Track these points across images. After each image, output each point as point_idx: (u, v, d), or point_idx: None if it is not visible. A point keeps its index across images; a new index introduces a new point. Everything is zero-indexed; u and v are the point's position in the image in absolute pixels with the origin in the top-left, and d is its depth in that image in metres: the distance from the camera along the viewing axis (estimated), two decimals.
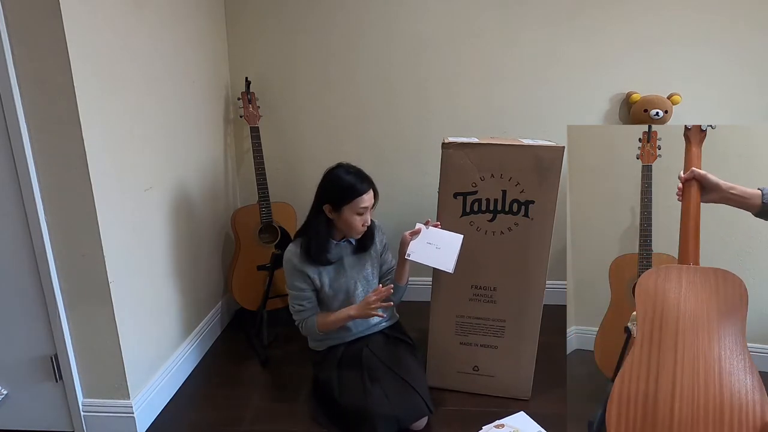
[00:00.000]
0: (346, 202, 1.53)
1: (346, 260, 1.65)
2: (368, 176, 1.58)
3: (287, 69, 2.25)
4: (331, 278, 1.63)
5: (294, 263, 1.59)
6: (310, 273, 1.59)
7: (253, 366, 1.93)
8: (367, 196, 1.54)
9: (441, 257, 1.51)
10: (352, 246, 1.66)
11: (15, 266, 1.38)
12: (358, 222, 1.55)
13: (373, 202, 1.57)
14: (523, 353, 1.69)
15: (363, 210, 1.54)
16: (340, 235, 1.64)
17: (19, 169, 1.29)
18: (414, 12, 2.16)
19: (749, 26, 2.09)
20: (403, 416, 1.48)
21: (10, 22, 1.20)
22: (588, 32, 2.14)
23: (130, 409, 1.51)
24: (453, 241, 1.53)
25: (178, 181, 1.82)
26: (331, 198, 1.55)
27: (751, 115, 2.18)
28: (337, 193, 1.54)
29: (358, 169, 1.58)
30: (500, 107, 2.25)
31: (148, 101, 1.60)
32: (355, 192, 1.52)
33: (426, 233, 1.55)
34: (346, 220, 1.55)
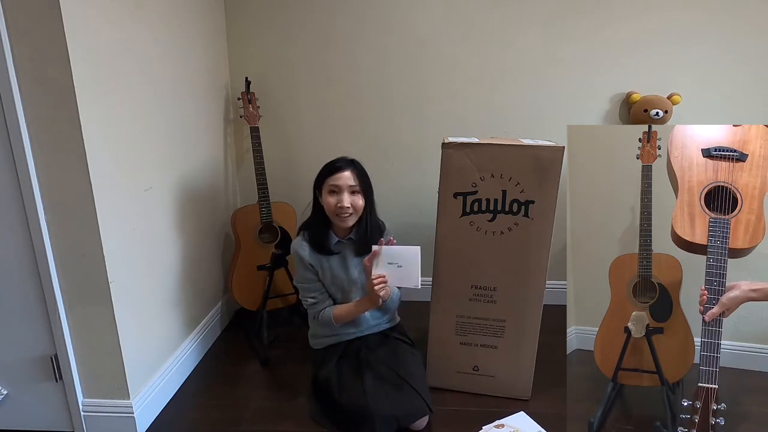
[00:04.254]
0: (322, 181, 1.56)
1: (349, 260, 1.65)
2: (355, 162, 1.59)
3: (287, 69, 2.25)
4: (332, 273, 1.63)
5: (299, 254, 1.62)
6: (314, 263, 1.61)
7: (253, 366, 1.93)
8: (341, 174, 1.54)
9: (404, 275, 1.50)
10: (354, 245, 1.66)
11: (15, 266, 1.38)
12: (332, 201, 1.55)
13: (354, 185, 1.55)
14: (523, 353, 1.69)
15: (335, 188, 1.54)
16: (341, 232, 1.64)
17: (19, 169, 1.29)
18: (414, 12, 2.16)
19: (749, 26, 2.09)
20: (403, 416, 1.48)
21: (10, 22, 1.20)
22: (588, 32, 2.14)
23: (130, 409, 1.51)
24: (412, 255, 1.50)
25: (178, 181, 1.82)
26: (316, 181, 1.61)
27: (751, 115, 2.18)
28: (318, 175, 1.60)
29: (347, 157, 1.60)
30: (500, 107, 2.25)
31: (148, 101, 1.60)
32: (327, 169, 1.56)
33: (384, 253, 1.51)
34: (325, 201, 1.57)
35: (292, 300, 2.20)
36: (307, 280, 1.64)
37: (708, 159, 1.32)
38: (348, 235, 1.65)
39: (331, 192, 1.55)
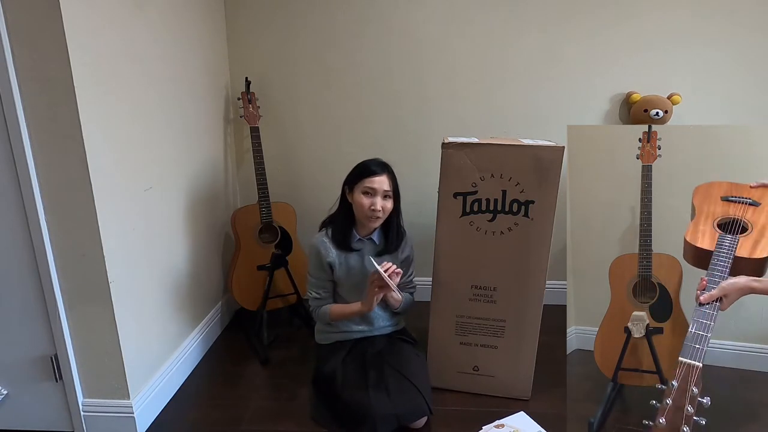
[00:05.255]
0: (357, 181, 1.59)
1: (367, 259, 1.66)
2: (389, 166, 1.63)
3: (287, 69, 2.25)
4: (348, 270, 1.66)
5: (320, 252, 1.64)
6: (334, 258, 1.64)
7: (253, 366, 1.93)
8: (377, 178, 1.58)
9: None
10: (375, 246, 1.68)
11: (15, 266, 1.38)
12: (366, 203, 1.58)
13: (389, 190, 1.60)
14: (523, 353, 1.69)
15: (370, 190, 1.58)
16: (364, 231, 1.66)
17: (19, 169, 1.29)
18: (414, 12, 2.16)
19: (749, 26, 2.09)
20: (404, 414, 1.48)
21: (10, 22, 1.20)
22: (588, 32, 2.14)
23: (130, 409, 1.51)
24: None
25: (178, 181, 1.82)
26: (348, 179, 1.64)
27: (751, 115, 2.18)
28: (352, 174, 1.64)
29: (382, 161, 1.64)
30: (500, 107, 2.25)
31: (148, 101, 1.60)
32: (365, 171, 1.59)
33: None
34: (356, 201, 1.60)
35: (292, 300, 2.20)
36: (319, 276, 1.67)
37: (725, 202, 1.46)
38: (369, 234, 1.68)
39: (366, 193, 1.58)
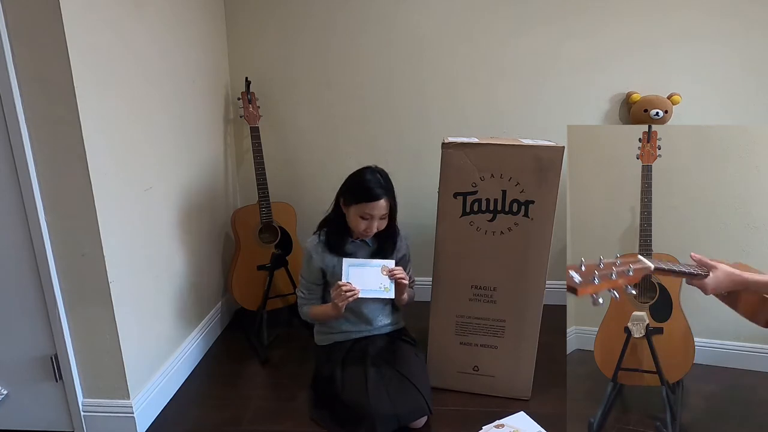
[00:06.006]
0: (354, 201, 1.55)
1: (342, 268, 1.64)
2: (390, 186, 1.58)
3: (287, 69, 2.25)
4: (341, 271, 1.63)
5: (311, 255, 1.64)
6: (328, 261, 1.63)
7: (253, 366, 1.93)
8: (376, 204, 1.53)
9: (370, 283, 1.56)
10: (368, 248, 1.67)
11: (15, 266, 1.37)
12: (361, 226, 1.56)
13: (386, 213, 1.57)
14: (523, 353, 1.69)
15: (367, 216, 1.54)
16: (357, 235, 1.65)
17: (19, 169, 1.29)
18: (414, 12, 2.16)
19: (749, 26, 2.09)
20: (403, 414, 1.48)
21: (10, 22, 1.20)
22: (588, 32, 2.14)
23: (130, 409, 1.51)
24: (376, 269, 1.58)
25: (178, 181, 1.82)
26: (345, 192, 1.60)
27: (751, 115, 2.18)
28: (350, 189, 1.59)
29: (383, 176, 1.58)
30: (500, 107, 2.25)
31: (148, 101, 1.60)
32: (364, 195, 1.53)
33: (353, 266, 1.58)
34: (351, 220, 1.58)
35: (292, 300, 2.20)
36: (308, 280, 1.69)
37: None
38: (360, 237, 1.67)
39: (363, 218, 1.55)
